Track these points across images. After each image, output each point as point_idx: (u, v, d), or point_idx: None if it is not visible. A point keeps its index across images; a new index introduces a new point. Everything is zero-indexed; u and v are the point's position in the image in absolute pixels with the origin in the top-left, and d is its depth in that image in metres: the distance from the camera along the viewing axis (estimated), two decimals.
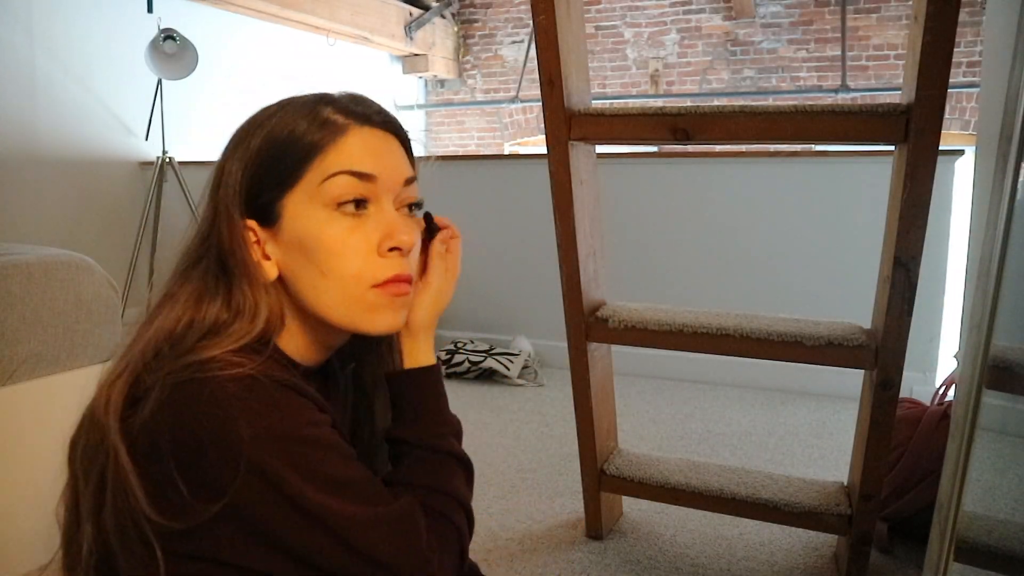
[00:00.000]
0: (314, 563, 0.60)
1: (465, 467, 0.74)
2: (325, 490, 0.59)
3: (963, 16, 3.91)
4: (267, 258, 0.67)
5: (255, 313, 0.64)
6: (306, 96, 0.70)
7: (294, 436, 0.59)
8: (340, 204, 0.65)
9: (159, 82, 3.52)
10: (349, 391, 0.81)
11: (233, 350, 0.61)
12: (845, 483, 1.52)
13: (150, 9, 3.58)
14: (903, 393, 1.65)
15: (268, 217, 0.66)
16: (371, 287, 0.66)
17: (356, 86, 0.73)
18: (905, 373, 1.29)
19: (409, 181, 0.70)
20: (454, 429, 0.75)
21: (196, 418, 0.56)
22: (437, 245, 0.75)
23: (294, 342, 0.69)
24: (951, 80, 1.12)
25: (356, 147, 0.66)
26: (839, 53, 5.39)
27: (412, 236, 0.68)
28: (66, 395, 1.46)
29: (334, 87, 0.71)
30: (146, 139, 3.72)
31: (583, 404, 1.54)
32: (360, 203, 0.66)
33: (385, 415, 0.81)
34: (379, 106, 0.71)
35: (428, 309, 0.74)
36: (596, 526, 1.60)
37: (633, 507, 1.75)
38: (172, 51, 3.36)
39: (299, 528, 0.58)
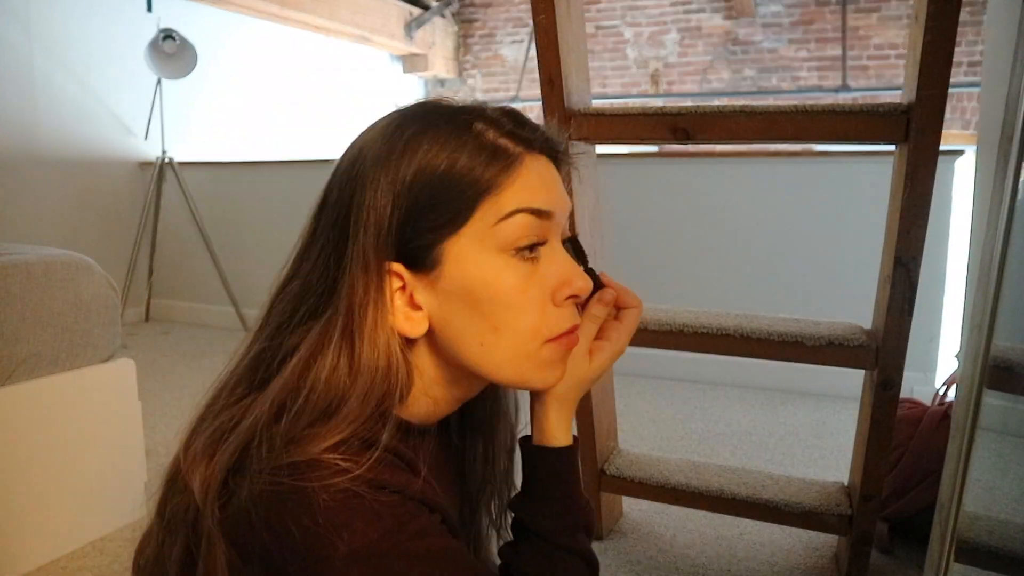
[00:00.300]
0: None
1: (589, 566, 0.64)
2: None
3: (964, 16, 3.90)
4: (417, 308, 0.57)
5: (369, 388, 0.55)
6: (448, 108, 0.59)
7: (395, 552, 0.51)
8: (518, 249, 0.56)
9: (159, 82, 3.52)
10: (468, 437, 0.73)
11: (340, 441, 0.53)
12: (845, 483, 1.52)
13: (150, 9, 3.58)
14: (903, 393, 1.64)
15: (423, 262, 0.56)
16: (546, 342, 0.58)
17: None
18: (905, 373, 1.29)
19: (571, 214, 0.64)
20: (584, 520, 0.65)
21: (290, 529, 0.50)
22: (597, 307, 0.63)
23: (425, 400, 0.60)
24: (952, 80, 1.12)
25: (532, 180, 0.57)
26: (839, 53, 5.39)
27: (588, 281, 0.60)
28: (66, 395, 1.46)
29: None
30: (146, 139, 3.72)
31: (583, 404, 1.54)
32: (535, 246, 0.57)
33: (504, 448, 0.74)
34: (537, 125, 0.60)
35: (569, 379, 0.62)
36: (596, 526, 1.60)
37: (633, 507, 1.75)
38: (172, 51, 3.37)
39: None
